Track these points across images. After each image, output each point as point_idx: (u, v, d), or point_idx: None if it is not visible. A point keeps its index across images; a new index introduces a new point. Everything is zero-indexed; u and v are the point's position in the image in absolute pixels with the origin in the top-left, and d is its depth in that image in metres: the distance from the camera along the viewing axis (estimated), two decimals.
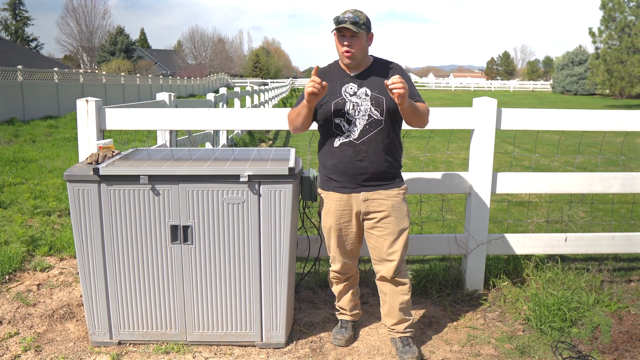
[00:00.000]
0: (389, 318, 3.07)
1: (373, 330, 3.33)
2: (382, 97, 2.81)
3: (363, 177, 2.87)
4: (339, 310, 3.28)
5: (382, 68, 2.90)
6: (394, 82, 2.56)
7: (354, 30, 2.71)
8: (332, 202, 2.97)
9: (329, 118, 2.87)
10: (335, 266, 3.10)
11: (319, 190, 3.06)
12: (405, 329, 3.05)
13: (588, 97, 48.47)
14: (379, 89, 2.82)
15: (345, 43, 2.76)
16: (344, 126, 2.86)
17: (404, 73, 2.87)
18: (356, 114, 2.83)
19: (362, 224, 2.99)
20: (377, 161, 2.85)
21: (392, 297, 3.02)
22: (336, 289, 3.21)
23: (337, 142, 2.88)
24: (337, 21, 2.74)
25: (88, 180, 2.84)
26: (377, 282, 3.07)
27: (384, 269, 2.97)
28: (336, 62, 2.97)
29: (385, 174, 2.89)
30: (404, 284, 3.01)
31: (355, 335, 3.24)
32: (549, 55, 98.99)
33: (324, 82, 2.68)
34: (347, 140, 2.86)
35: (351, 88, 2.85)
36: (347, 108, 2.84)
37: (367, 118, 2.83)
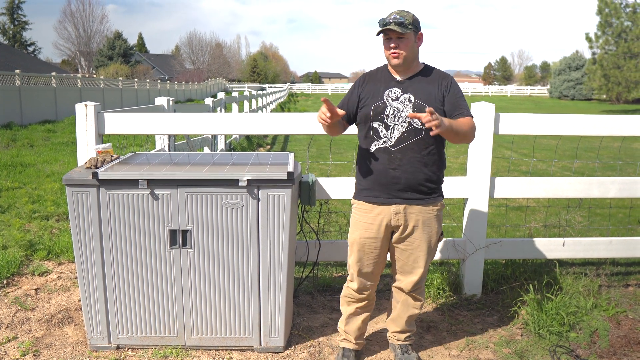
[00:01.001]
0: (393, 324, 3.03)
1: (374, 335, 3.33)
2: (426, 106, 2.67)
3: (396, 187, 2.73)
4: (342, 336, 3.05)
5: (431, 76, 2.76)
6: (427, 119, 2.38)
7: (399, 31, 2.60)
8: (360, 214, 2.83)
9: (368, 121, 2.76)
10: (352, 284, 2.91)
11: (352, 200, 2.93)
12: (405, 338, 3.03)
13: (585, 102, 48.65)
14: (424, 96, 2.69)
15: (392, 45, 2.65)
16: (381, 131, 2.73)
17: (454, 84, 2.75)
18: (396, 119, 2.69)
19: (389, 241, 2.85)
20: (411, 171, 2.71)
21: (403, 309, 2.96)
22: (346, 310, 2.99)
23: (372, 148, 2.76)
24: (382, 23, 2.64)
25: (87, 184, 2.84)
26: (393, 289, 2.98)
27: (404, 281, 2.89)
28: (385, 65, 2.84)
29: (420, 187, 2.74)
30: (419, 300, 2.94)
31: None
32: (546, 61, 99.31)
33: (338, 112, 2.57)
34: (382, 146, 2.73)
35: (394, 92, 2.73)
36: (387, 112, 2.71)
37: (406, 125, 2.69)
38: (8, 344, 3.13)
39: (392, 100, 2.73)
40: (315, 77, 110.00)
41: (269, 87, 53.65)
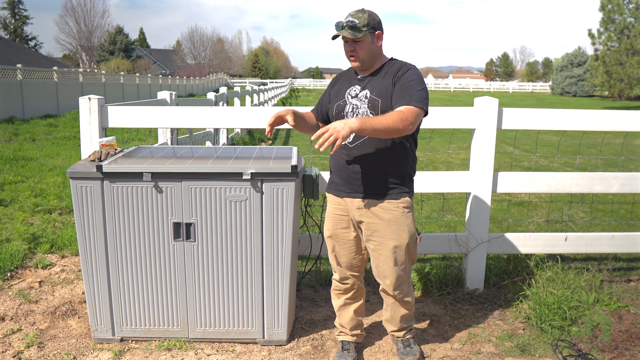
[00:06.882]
0: (390, 325, 3.02)
1: (374, 328, 3.35)
2: (378, 100, 2.66)
3: (356, 182, 2.73)
4: (339, 329, 3.07)
5: (389, 70, 2.71)
6: (320, 135, 2.35)
7: (350, 37, 2.60)
8: (331, 205, 2.88)
9: (332, 120, 2.81)
10: (335, 275, 2.98)
11: (325, 193, 2.97)
12: (405, 334, 3.02)
13: (587, 98, 48.54)
14: (378, 91, 2.67)
15: (349, 49, 2.67)
16: None
17: (409, 73, 2.63)
18: (354, 116, 2.70)
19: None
20: (369, 167, 2.70)
21: (394, 310, 2.95)
22: (336, 303, 3.03)
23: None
24: (336, 28, 2.63)
25: (91, 177, 2.85)
26: (380, 292, 2.96)
27: (382, 284, 2.87)
28: None
29: (379, 182, 2.71)
30: (406, 302, 2.91)
31: (360, 359, 3.05)
32: (548, 57, 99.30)
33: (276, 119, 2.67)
34: (343, 142, 2.68)
35: (354, 90, 2.75)
36: (347, 110, 2.74)
37: None
38: (12, 335, 3.15)
39: (352, 97, 2.75)
40: (316, 73, 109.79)
41: (270, 82, 53.60)
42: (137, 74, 32.86)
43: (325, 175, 3.59)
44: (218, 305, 3.04)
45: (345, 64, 2.92)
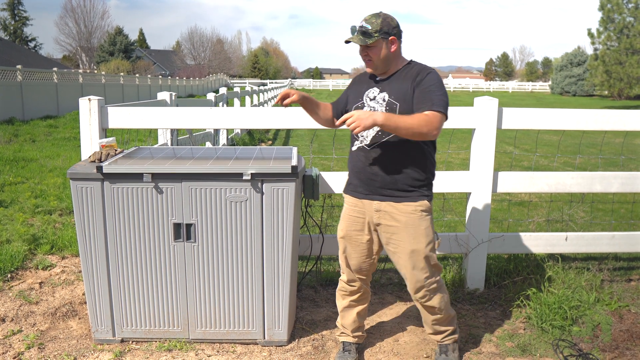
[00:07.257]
0: (425, 326, 2.97)
1: (375, 328, 3.35)
2: (396, 103, 2.64)
3: (375, 184, 2.73)
4: (340, 330, 3.06)
5: (410, 72, 2.68)
6: (344, 120, 2.42)
7: (359, 43, 2.61)
8: (347, 206, 2.87)
9: None
10: (342, 276, 2.96)
11: (343, 194, 2.95)
12: (442, 338, 2.95)
13: (587, 98, 48.54)
14: (396, 94, 2.66)
15: (362, 53, 2.68)
16: None
17: (428, 78, 2.61)
18: None
19: (377, 237, 2.83)
20: (388, 170, 2.69)
21: (423, 314, 2.91)
22: (340, 304, 3.01)
23: (354, 147, 2.79)
24: (350, 31, 2.65)
25: (91, 178, 2.85)
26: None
27: (407, 286, 2.83)
28: None
29: (397, 184, 2.69)
30: (430, 307, 2.82)
31: (360, 359, 3.03)
32: (547, 56, 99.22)
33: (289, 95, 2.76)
34: (361, 145, 2.75)
35: (372, 93, 2.75)
36: None
37: None
38: (13, 337, 3.15)
39: (370, 100, 2.74)
40: (316, 73, 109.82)
41: (270, 82, 53.63)
42: (137, 75, 32.87)
43: (325, 176, 3.59)
44: (218, 306, 3.04)
45: (345, 64, 2.96)
